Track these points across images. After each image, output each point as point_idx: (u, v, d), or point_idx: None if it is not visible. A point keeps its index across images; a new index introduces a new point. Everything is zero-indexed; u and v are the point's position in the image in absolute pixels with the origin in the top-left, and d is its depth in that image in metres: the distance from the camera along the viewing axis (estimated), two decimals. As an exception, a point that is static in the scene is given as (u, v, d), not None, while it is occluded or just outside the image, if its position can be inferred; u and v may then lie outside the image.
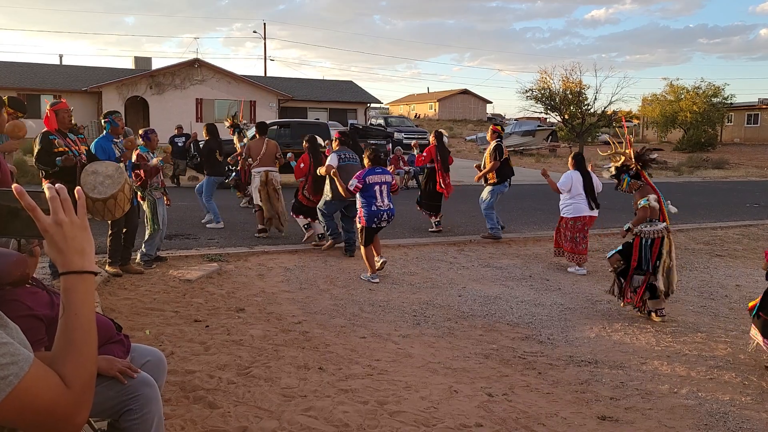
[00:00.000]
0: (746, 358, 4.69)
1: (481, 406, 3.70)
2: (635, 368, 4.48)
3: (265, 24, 48.12)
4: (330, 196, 7.75)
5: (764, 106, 42.96)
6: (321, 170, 7.75)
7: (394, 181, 7.05)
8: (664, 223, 5.62)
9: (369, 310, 5.67)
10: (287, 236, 8.88)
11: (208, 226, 9.56)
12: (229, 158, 10.30)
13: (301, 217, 8.51)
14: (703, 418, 3.69)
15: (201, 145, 9.76)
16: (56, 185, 1.17)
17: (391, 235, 9.35)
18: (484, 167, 9.10)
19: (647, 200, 5.55)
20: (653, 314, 5.63)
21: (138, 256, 6.89)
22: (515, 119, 44.84)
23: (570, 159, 8.09)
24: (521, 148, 31.41)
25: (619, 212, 12.60)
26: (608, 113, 32.32)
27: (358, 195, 6.89)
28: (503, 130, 9.25)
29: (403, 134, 27.08)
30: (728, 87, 37.69)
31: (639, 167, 5.68)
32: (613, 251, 5.82)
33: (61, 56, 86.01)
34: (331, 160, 7.67)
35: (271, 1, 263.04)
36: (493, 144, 9.05)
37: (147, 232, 6.88)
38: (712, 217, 12.11)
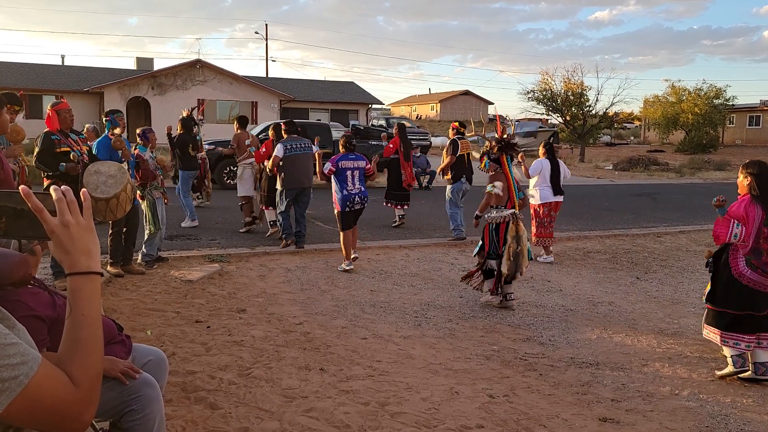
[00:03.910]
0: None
1: (482, 408, 3.70)
2: (636, 370, 4.47)
3: (267, 25, 48.20)
4: (280, 186, 8.00)
5: (766, 108, 42.94)
6: (268, 164, 8.02)
7: (368, 166, 7.33)
8: (512, 210, 5.84)
9: (370, 311, 5.68)
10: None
11: (183, 224, 9.53)
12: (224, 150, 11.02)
13: (270, 209, 8.77)
14: (705, 420, 3.68)
15: (175, 140, 9.84)
16: (62, 187, 1.18)
17: (392, 236, 9.37)
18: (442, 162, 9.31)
19: (492, 187, 5.87)
20: (504, 300, 5.86)
21: (139, 257, 6.90)
22: (517, 120, 44.89)
23: (541, 148, 8.31)
24: (523, 149, 31.41)
25: (620, 214, 12.61)
26: (610, 114, 32.28)
27: (332, 179, 7.16)
28: (463, 126, 9.35)
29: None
30: (730, 88, 37.54)
31: (499, 149, 5.96)
32: (477, 248, 6.07)
33: (63, 56, 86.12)
34: (277, 150, 7.88)
35: (274, 2, 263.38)
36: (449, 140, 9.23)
37: (146, 233, 6.88)
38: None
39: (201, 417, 3.41)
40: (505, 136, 6.07)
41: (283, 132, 8.14)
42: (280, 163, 7.83)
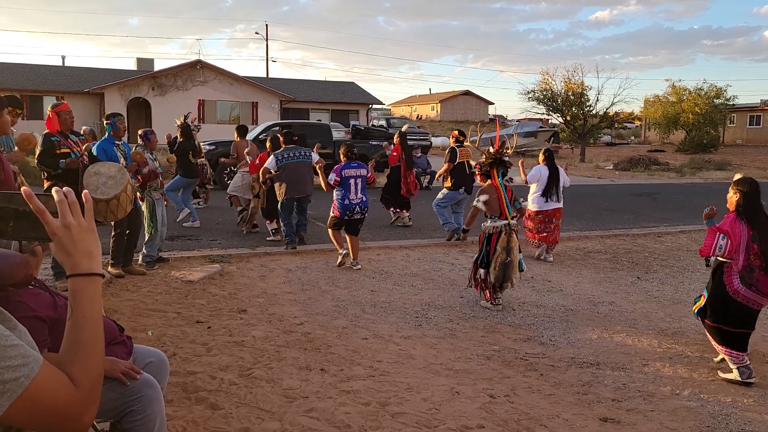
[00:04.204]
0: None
1: (483, 408, 3.70)
2: (637, 370, 4.47)
3: (267, 25, 48.36)
4: (280, 195, 8.03)
5: (766, 108, 42.91)
6: (261, 176, 8.06)
7: (369, 174, 7.42)
8: (506, 221, 5.88)
9: (370, 311, 5.68)
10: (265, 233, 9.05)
11: (185, 224, 9.58)
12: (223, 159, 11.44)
13: (268, 222, 8.85)
14: (705, 420, 3.68)
15: (176, 147, 9.93)
16: (63, 188, 1.18)
17: (392, 236, 9.37)
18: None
19: (477, 200, 6.02)
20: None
21: (140, 258, 6.91)
22: (517, 120, 44.86)
23: (540, 154, 8.40)
24: (523, 149, 31.39)
25: (620, 214, 12.61)
26: (610, 114, 32.27)
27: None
28: (463, 135, 9.42)
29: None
30: (731, 88, 37.42)
31: (491, 163, 6.05)
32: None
33: (63, 57, 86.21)
34: (268, 163, 7.91)
35: (274, 3, 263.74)
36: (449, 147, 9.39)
37: (146, 234, 6.89)
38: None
39: (202, 417, 3.41)
40: (502, 150, 6.08)
41: (281, 143, 8.15)
42: (273, 173, 7.83)
